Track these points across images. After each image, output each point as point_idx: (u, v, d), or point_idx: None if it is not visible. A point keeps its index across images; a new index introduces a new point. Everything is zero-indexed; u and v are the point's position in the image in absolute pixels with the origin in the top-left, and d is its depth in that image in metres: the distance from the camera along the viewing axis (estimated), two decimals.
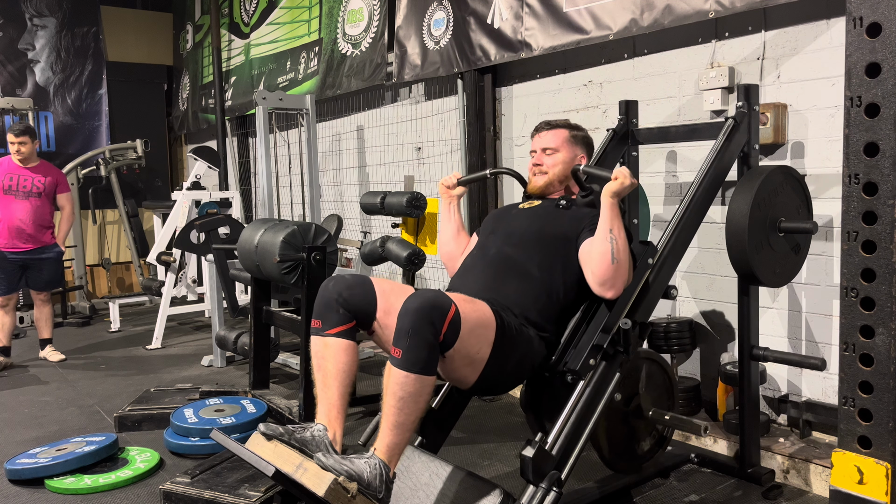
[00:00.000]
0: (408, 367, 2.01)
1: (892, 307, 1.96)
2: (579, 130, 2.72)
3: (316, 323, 2.29)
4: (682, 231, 2.56)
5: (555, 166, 2.64)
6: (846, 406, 2.07)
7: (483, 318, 2.19)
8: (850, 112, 2.02)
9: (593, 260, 2.32)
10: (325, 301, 2.28)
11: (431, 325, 2.01)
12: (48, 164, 5.31)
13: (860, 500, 2.03)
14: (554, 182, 2.65)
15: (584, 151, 2.70)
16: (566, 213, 2.54)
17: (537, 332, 2.34)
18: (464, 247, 2.74)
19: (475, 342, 2.15)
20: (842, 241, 2.06)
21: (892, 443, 1.98)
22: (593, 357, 2.29)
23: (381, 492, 1.99)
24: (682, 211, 2.56)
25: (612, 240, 2.27)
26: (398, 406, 2.03)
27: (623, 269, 2.30)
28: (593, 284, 2.34)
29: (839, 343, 2.08)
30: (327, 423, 2.19)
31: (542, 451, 2.14)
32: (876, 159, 1.98)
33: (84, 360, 5.31)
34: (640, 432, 2.71)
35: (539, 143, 2.69)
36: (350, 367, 2.25)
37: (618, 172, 2.31)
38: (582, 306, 2.46)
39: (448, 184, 2.80)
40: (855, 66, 2.01)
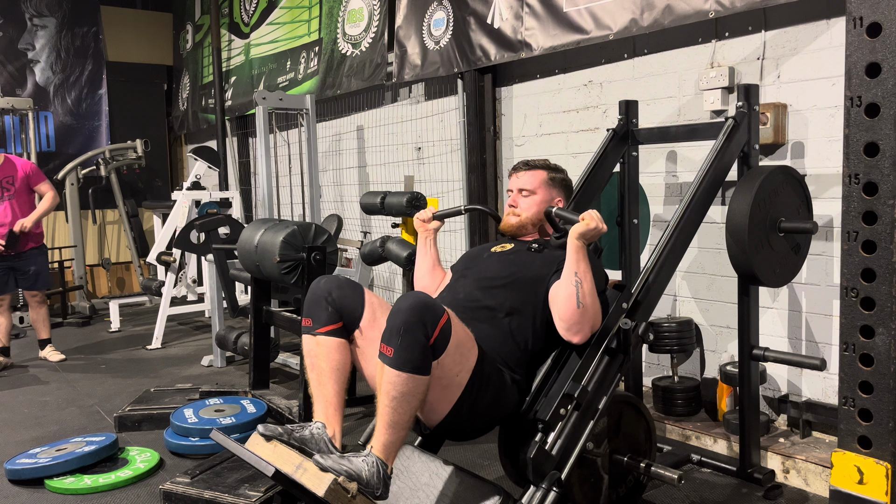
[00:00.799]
0: (399, 365, 1.99)
1: (892, 307, 1.96)
2: (558, 172, 2.67)
3: (307, 321, 2.28)
4: (682, 231, 2.56)
5: (529, 209, 2.60)
6: (846, 406, 2.07)
7: (469, 340, 2.17)
8: (850, 112, 2.02)
9: (559, 304, 2.27)
10: (315, 298, 2.27)
11: (423, 326, 1.99)
12: (11, 158, 5.05)
13: (860, 500, 2.03)
14: (527, 224, 2.60)
15: (562, 194, 2.65)
16: (538, 257, 2.48)
17: (510, 374, 2.29)
18: (439, 282, 2.67)
19: (458, 361, 2.11)
20: (842, 241, 2.06)
21: (892, 443, 1.98)
22: (564, 406, 2.22)
23: (379, 489, 1.99)
24: (682, 211, 2.56)
25: (577, 283, 2.22)
26: (391, 406, 2.01)
27: (589, 313, 2.24)
28: (561, 329, 2.29)
29: (839, 343, 2.08)
30: (325, 420, 2.18)
31: (542, 452, 2.14)
32: (876, 159, 1.98)
33: (84, 360, 5.31)
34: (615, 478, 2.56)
35: (516, 183, 2.64)
36: (344, 365, 2.24)
37: (585, 215, 2.26)
38: (553, 353, 2.41)
39: (423, 218, 2.70)
40: (855, 66, 2.01)
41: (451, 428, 2.27)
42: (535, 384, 2.37)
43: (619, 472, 2.52)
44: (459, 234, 4.87)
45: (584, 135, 4.00)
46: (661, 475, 2.44)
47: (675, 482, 2.39)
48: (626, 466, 2.51)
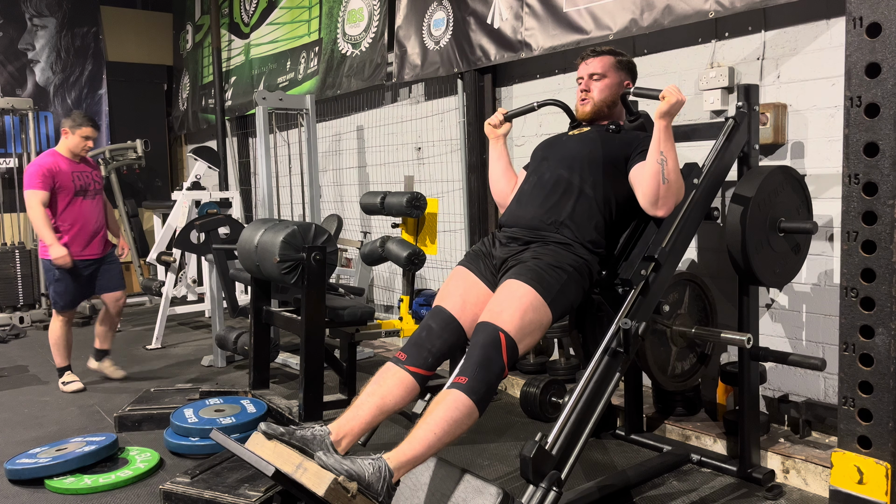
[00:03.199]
0: (470, 393, 2.12)
1: (892, 307, 1.96)
2: (623, 56, 2.80)
3: (401, 355, 2.35)
4: (682, 231, 2.56)
5: (602, 91, 2.73)
6: (846, 406, 2.07)
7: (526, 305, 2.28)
8: (850, 112, 2.03)
9: (644, 180, 2.44)
10: (419, 345, 2.35)
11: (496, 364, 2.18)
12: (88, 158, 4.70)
13: (860, 500, 2.03)
14: (602, 108, 2.74)
15: (630, 77, 2.79)
16: (616, 137, 2.65)
17: (591, 250, 2.47)
18: (513, 184, 2.85)
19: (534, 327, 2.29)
20: (842, 241, 2.06)
21: (892, 443, 1.98)
22: (644, 268, 2.40)
23: (381, 495, 1.98)
24: (682, 211, 2.56)
25: (663, 161, 2.38)
26: (446, 421, 2.08)
27: (673, 188, 2.41)
28: (645, 204, 2.46)
29: (839, 343, 2.08)
30: (340, 429, 2.18)
31: (542, 451, 2.14)
32: (876, 159, 1.98)
33: (84, 360, 5.30)
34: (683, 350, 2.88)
35: (585, 69, 2.77)
36: (398, 402, 2.28)
37: (665, 91, 2.38)
38: (631, 224, 2.62)
39: (494, 122, 2.88)
40: (855, 66, 2.01)
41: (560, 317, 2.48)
42: (616, 251, 2.59)
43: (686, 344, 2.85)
44: (460, 235, 4.87)
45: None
46: (730, 339, 2.67)
47: (745, 343, 2.59)
48: (692, 337, 2.81)
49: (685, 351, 2.87)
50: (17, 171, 7.26)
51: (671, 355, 2.82)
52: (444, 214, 4.97)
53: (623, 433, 3.25)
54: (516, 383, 3.97)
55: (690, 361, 2.91)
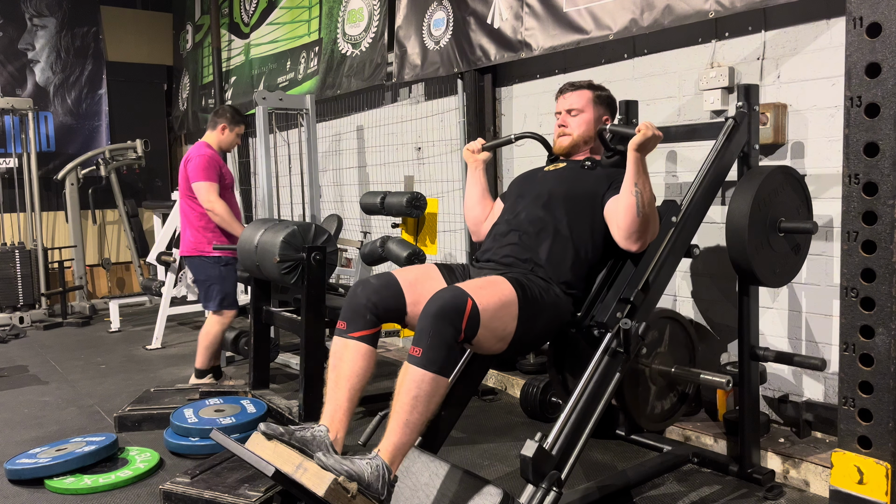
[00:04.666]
0: (426, 365, 2.05)
1: (892, 307, 1.96)
2: (602, 91, 2.77)
3: (341, 324, 2.32)
4: (682, 231, 2.56)
5: (579, 127, 2.70)
6: (846, 406, 2.07)
7: (503, 297, 2.23)
8: (850, 112, 2.03)
9: (619, 213, 2.39)
10: (354, 306, 2.32)
11: (451, 326, 2.07)
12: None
13: (860, 500, 2.03)
14: (579, 143, 2.71)
15: (608, 112, 2.76)
16: (592, 174, 2.61)
17: (565, 290, 2.43)
18: (488, 211, 2.81)
19: (499, 324, 2.21)
20: (842, 241, 2.06)
21: (892, 443, 1.98)
22: (620, 310, 2.36)
23: (381, 494, 1.99)
24: (682, 211, 2.56)
25: (638, 193, 2.33)
26: (411, 404, 2.05)
27: (648, 221, 2.36)
28: (619, 238, 2.41)
29: (839, 343, 2.08)
30: (330, 424, 2.19)
31: (542, 451, 2.14)
32: (876, 159, 1.98)
33: (84, 360, 5.31)
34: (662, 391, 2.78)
35: (563, 104, 2.74)
36: (364, 373, 2.27)
37: (641, 126, 2.35)
38: (608, 263, 2.55)
39: (473, 148, 2.84)
40: (855, 66, 2.01)
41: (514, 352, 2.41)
42: (592, 293, 2.51)
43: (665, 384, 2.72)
44: (460, 235, 4.87)
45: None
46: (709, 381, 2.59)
47: (724, 385, 2.53)
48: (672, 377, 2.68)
49: (665, 390, 2.75)
50: (17, 171, 7.27)
51: (650, 395, 2.70)
52: (444, 214, 4.96)
53: (623, 433, 3.25)
54: (516, 383, 3.97)
55: (671, 401, 2.78)
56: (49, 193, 7.61)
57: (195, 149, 4.30)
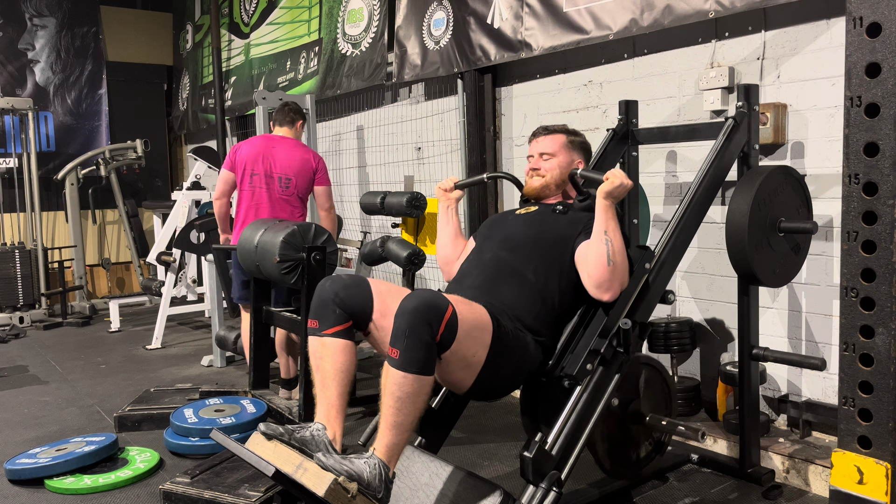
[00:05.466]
0: (405, 367, 2.01)
1: (892, 307, 1.96)
2: (577, 136, 2.71)
3: (313, 323, 2.29)
4: (681, 231, 2.56)
5: (551, 170, 2.64)
6: (846, 406, 2.07)
7: (480, 320, 2.18)
8: (850, 112, 2.02)
9: (589, 262, 2.32)
10: (322, 301, 2.28)
11: (428, 326, 2.01)
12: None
13: (860, 500, 2.03)
14: (550, 186, 2.64)
15: (582, 156, 2.69)
16: (562, 218, 2.53)
17: (534, 337, 2.33)
18: (461, 251, 2.73)
19: (472, 344, 2.14)
20: (842, 241, 2.06)
21: (892, 443, 1.98)
22: (590, 362, 2.28)
23: (380, 491, 2.00)
24: (682, 211, 2.56)
25: (608, 241, 2.27)
26: (396, 406, 2.02)
27: (619, 271, 2.30)
28: (590, 287, 2.33)
29: (839, 343, 2.08)
30: (326, 422, 2.19)
31: (542, 452, 2.14)
32: (876, 159, 1.98)
33: (84, 360, 5.31)
34: (637, 438, 2.68)
35: (536, 147, 2.68)
36: (348, 367, 2.25)
37: (609, 174, 2.30)
38: (579, 311, 2.45)
39: (445, 187, 2.77)
40: (855, 66, 2.01)
41: (478, 393, 2.32)
42: (561, 342, 2.41)
43: (640, 432, 2.60)
44: None
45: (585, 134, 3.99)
46: (683, 432, 2.50)
47: (698, 437, 2.44)
48: (647, 425, 2.58)
49: (640, 438, 2.65)
50: (17, 171, 7.27)
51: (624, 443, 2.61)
52: None
53: None
54: None
55: (645, 449, 2.68)
56: (49, 193, 7.61)
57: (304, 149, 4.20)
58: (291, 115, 4.25)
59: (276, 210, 4.06)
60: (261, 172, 4.05)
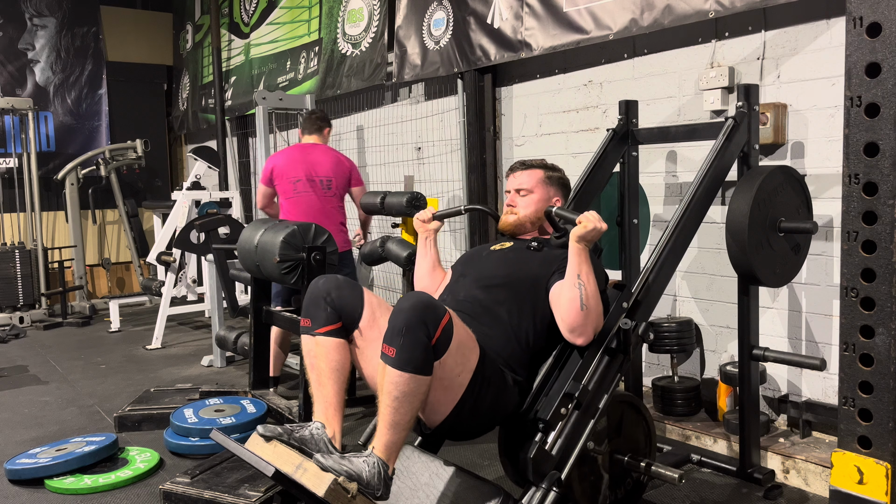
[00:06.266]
0: (402, 366, 1.98)
1: (892, 307, 1.96)
2: (555, 171, 2.67)
3: (305, 322, 2.28)
4: (681, 231, 2.56)
5: (527, 207, 2.59)
6: (846, 406, 2.07)
7: (470, 340, 2.17)
8: (850, 112, 2.02)
9: (562, 306, 2.27)
10: (314, 298, 2.27)
11: (425, 326, 1.99)
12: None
13: (860, 500, 2.03)
14: (525, 223, 2.60)
15: (560, 193, 2.65)
16: (537, 256, 2.47)
17: (512, 375, 2.29)
18: (439, 282, 2.66)
19: (459, 361, 2.11)
20: (842, 241, 2.06)
21: (892, 443, 1.98)
22: (564, 406, 2.22)
23: (379, 490, 1.99)
24: (682, 211, 2.56)
25: (581, 286, 2.21)
26: (393, 406, 2.00)
27: (592, 315, 2.24)
28: (563, 331, 2.29)
29: (839, 343, 2.08)
30: (325, 420, 2.18)
31: (542, 451, 2.14)
32: (876, 159, 1.98)
33: (84, 360, 5.31)
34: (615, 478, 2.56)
35: (513, 183, 2.64)
36: (343, 365, 2.24)
37: (583, 217, 2.24)
38: (554, 351, 2.41)
39: (423, 218, 2.69)
40: (855, 66, 2.01)
41: (452, 428, 2.26)
42: (537, 383, 2.36)
43: (619, 472, 2.53)
44: (460, 234, 4.87)
45: (584, 135, 4.00)
46: (662, 474, 2.44)
47: (676, 481, 2.39)
48: (626, 466, 2.51)
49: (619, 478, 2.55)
50: (17, 171, 7.27)
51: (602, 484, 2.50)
52: None
53: None
54: None
55: (625, 489, 2.58)
56: (49, 193, 7.61)
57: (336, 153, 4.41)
58: (319, 123, 4.46)
59: (325, 209, 4.28)
60: (303, 178, 4.25)
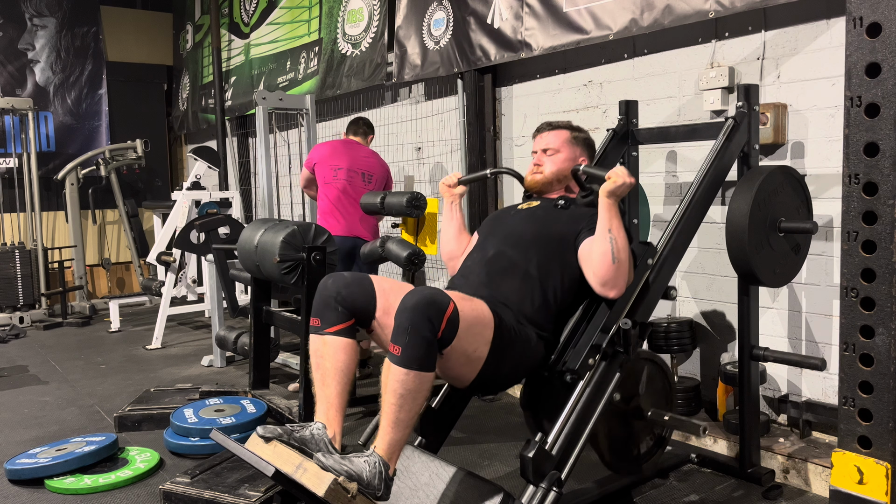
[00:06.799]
0: (406, 363, 2.01)
1: (892, 307, 1.96)
2: (580, 132, 2.72)
3: (315, 321, 2.29)
4: (682, 231, 2.56)
5: (554, 166, 2.65)
6: (846, 406, 2.07)
7: (481, 316, 2.19)
8: (850, 112, 2.03)
9: (594, 260, 2.32)
10: (324, 299, 2.29)
11: (429, 322, 2.02)
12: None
13: (860, 500, 2.03)
14: (552, 181, 2.65)
15: (585, 153, 2.70)
16: (564, 213, 2.54)
17: (536, 331, 2.34)
18: (464, 246, 2.74)
19: (473, 340, 2.15)
20: (842, 241, 2.06)
21: (892, 443, 1.99)
22: (592, 357, 2.29)
23: (380, 490, 2.00)
24: (682, 211, 2.56)
25: (612, 239, 2.27)
26: (398, 403, 2.03)
27: (624, 268, 2.30)
28: (595, 285, 2.34)
29: (839, 343, 2.08)
30: (326, 421, 2.19)
31: (542, 451, 2.14)
32: (876, 159, 1.98)
33: (84, 360, 5.31)
34: (639, 434, 2.70)
35: (540, 143, 2.69)
36: (349, 366, 2.25)
37: (612, 172, 2.30)
38: (581, 306, 2.46)
39: (449, 183, 2.80)
40: (855, 66, 2.01)
41: (479, 388, 2.35)
42: (564, 336, 2.42)
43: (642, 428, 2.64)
44: None
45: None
46: (685, 424, 2.52)
47: (699, 432, 2.46)
48: (649, 421, 2.61)
49: (642, 433, 2.68)
50: (17, 171, 7.27)
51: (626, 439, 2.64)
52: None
53: None
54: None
55: (647, 444, 2.71)
56: (49, 193, 7.61)
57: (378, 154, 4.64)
58: (364, 129, 4.71)
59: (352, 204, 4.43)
60: (345, 167, 4.42)
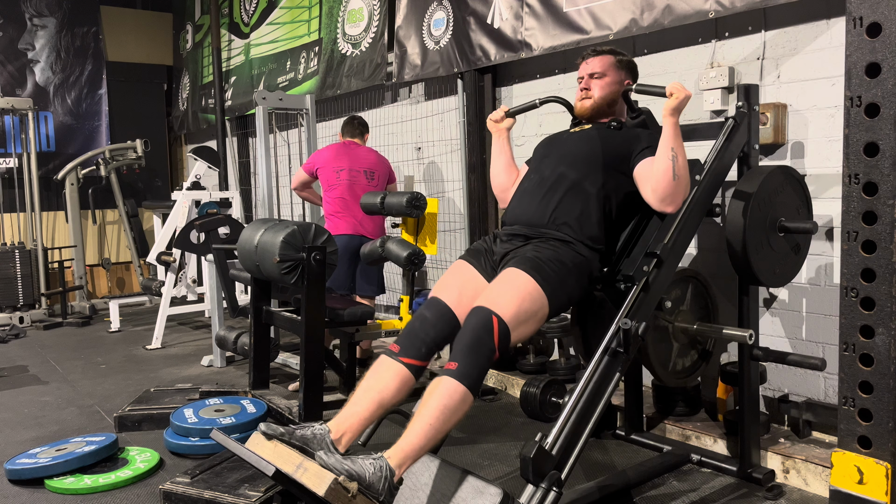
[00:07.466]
0: (461, 378, 2.10)
1: (892, 307, 1.96)
2: (624, 55, 2.82)
3: (394, 347, 2.33)
4: (682, 231, 2.56)
5: (602, 89, 2.75)
6: (846, 406, 2.07)
7: (525, 294, 2.28)
8: (850, 112, 2.03)
9: (654, 177, 2.45)
10: (412, 337, 2.33)
11: (486, 348, 2.15)
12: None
13: (860, 500, 2.03)
14: (602, 105, 2.75)
15: (630, 76, 2.81)
16: (618, 134, 2.66)
17: (591, 246, 2.48)
18: (514, 178, 2.88)
19: (531, 315, 2.28)
20: (842, 241, 2.06)
21: (892, 443, 1.99)
22: (646, 264, 2.40)
23: (381, 494, 1.98)
24: (684, 209, 2.56)
25: (674, 157, 2.39)
26: (440, 410, 2.07)
27: (682, 184, 2.43)
28: (653, 201, 2.47)
29: (839, 343, 2.08)
30: (340, 425, 2.17)
31: (542, 451, 2.14)
32: (876, 159, 1.98)
33: (84, 360, 5.31)
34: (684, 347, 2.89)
35: (586, 69, 2.80)
36: (395, 394, 2.26)
37: (671, 87, 2.40)
38: (633, 221, 2.63)
39: (495, 118, 2.90)
40: (855, 66, 2.01)
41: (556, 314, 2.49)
42: (618, 247, 2.61)
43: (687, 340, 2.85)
44: (460, 235, 4.87)
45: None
46: (732, 336, 2.68)
47: (746, 339, 2.62)
48: (693, 333, 2.81)
49: (686, 348, 2.88)
50: (17, 171, 7.27)
51: (672, 352, 2.83)
52: (444, 214, 4.97)
53: (623, 433, 3.25)
54: (516, 383, 3.97)
55: (692, 358, 2.92)
56: (49, 193, 7.61)
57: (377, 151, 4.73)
58: (360, 129, 4.78)
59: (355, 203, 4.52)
60: (346, 168, 4.53)
